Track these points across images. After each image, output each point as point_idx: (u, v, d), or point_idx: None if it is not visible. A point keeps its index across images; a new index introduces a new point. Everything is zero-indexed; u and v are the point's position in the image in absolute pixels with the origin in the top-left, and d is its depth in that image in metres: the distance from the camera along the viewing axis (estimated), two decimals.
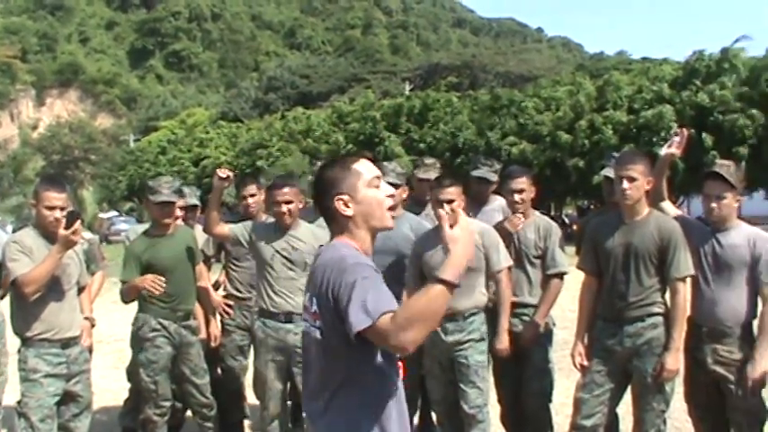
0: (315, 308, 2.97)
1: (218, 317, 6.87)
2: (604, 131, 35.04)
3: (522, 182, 5.86)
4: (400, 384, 3.07)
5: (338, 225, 3.07)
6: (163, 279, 5.94)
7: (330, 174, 3.08)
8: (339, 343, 2.87)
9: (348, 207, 3.02)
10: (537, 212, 6.01)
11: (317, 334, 2.98)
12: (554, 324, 6.13)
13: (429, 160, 6.86)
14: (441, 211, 5.24)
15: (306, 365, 3.20)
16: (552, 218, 6.55)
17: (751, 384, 4.90)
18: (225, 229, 6.06)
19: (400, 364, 3.06)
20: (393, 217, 3.14)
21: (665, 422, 5.10)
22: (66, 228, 5.12)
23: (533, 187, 5.95)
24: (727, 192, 5.02)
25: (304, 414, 3.44)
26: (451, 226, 2.87)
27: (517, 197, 5.83)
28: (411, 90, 71.93)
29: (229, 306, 6.80)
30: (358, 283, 2.79)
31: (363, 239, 3.05)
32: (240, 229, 6.08)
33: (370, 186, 3.05)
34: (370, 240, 3.08)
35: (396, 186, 5.92)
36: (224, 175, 5.85)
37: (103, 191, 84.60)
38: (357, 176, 3.05)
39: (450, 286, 2.72)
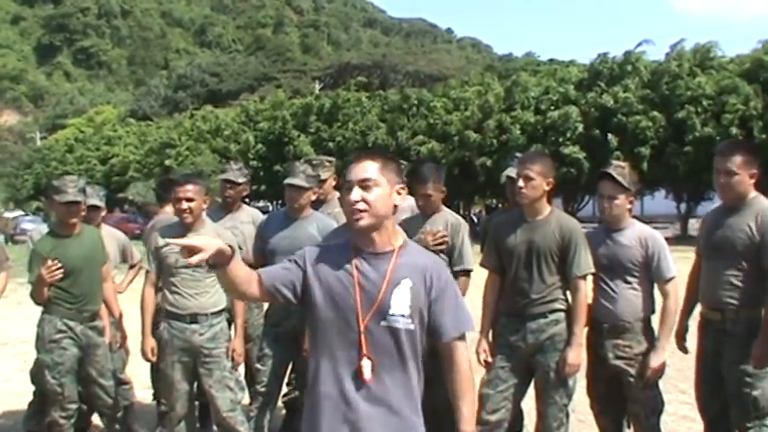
0: None
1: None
2: (512, 131, 35.61)
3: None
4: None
5: None
6: (59, 265, 5.84)
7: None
8: None
9: None
10: (447, 209, 6.02)
11: None
12: None
13: (316, 160, 6.90)
14: None
15: None
16: (461, 217, 6.57)
17: (650, 374, 5.07)
18: None
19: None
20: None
21: (567, 415, 5.18)
22: None
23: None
24: (620, 193, 5.17)
25: None
26: None
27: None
28: (321, 89, 72.06)
29: None
30: None
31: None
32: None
33: None
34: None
35: (306, 189, 5.99)
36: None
37: (9, 190, 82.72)
38: None
39: None
